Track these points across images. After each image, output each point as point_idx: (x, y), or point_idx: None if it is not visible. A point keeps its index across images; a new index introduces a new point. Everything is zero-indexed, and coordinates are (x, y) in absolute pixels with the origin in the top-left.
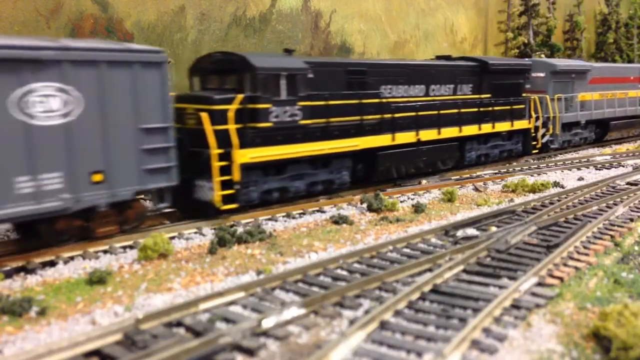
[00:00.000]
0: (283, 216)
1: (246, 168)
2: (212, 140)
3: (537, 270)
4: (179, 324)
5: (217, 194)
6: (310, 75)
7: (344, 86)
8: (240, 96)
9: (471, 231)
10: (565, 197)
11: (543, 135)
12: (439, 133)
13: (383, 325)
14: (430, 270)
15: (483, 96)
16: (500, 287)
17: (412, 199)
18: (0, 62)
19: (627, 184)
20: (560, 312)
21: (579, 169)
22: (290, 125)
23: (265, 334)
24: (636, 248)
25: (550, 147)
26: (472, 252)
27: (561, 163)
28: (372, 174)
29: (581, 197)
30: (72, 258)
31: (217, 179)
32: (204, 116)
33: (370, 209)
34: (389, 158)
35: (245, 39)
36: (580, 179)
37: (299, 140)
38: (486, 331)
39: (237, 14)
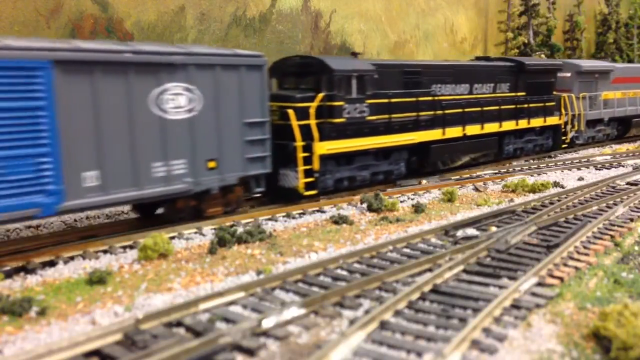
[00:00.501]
0: (283, 216)
1: (323, 158)
2: (297, 134)
3: (537, 270)
4: (179, 324)
5: (300, 182)
6: (375, 76)
7: (402, 85)
8: (320, 95)
9: (471, 231)
10: (565, 197)
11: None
12: (482, 128)
13: (383, 325)
14: (430, 270)
15: (519, 94)
16: (500, 287)
17: (412, 199)
18: (143, 65)
19: (627, 184)
20: (560, 312)
21: (579, 169)
22: (359, 121)
23: (265, 334)
24: (636, 248)
25: (575, 143)
26: (472, 252)
27: (561, 163)
28: (424, 165)
29: (581, 197)
30: (72, 258)
31: (301, 168)
32: (291, 113)
33: (370, 209)
34: (440, 151)
35: (245, 39)
36: (580, 179)
37: (366, 134)
38: (486, 331)
39: (237, 14)
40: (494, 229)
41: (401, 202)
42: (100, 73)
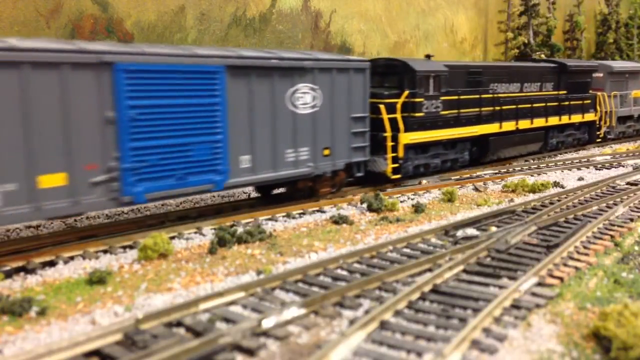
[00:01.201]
0: (283, 216)
1: (406, 148)
2: (387, 125)
3: (537, 270)
4: (179, 324)
5: (389, 167)
6: (447, 76)
7: (467, 84)
8: (406, 92)
9: (471, 231)
10: (565, 197)
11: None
12: (532, 122)
13: (383, 325)
14: (430, 270)
15: (561, 93)
16: (500, 287)
17: (412, 199)
18: (283, 69)
19: (627, 184)
20: (560, 312)
21: (579, 169)
22: (434, 115)
23: (265, 334)
24: (636, 248)
25: (607, 138)
26: (472, 252)
27: (561, 163)
28: (483, 155)
29: (581, 197)
30: (72, 258)
31: (390, 155)
32: (382, 107)
33: (370, 209)
34: (497, 142)
35: (245, 39)
36: (580, 179)
37: (439, 127)
38: (486, 331)
39: (237, 14)
40: (494, 229)
41: (401, 202)
42: (255, 76)
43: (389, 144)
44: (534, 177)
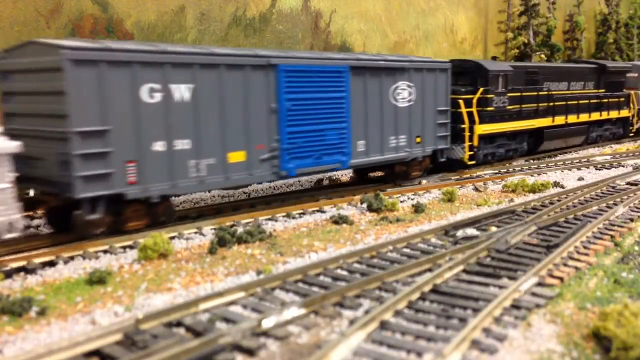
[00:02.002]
0: (283, 216)
1: (479, 137)
2: (465, 118)
3: (537, 270)
4: (179, 324)
5: (466, 154)
6: (512, 75)
7: (527, 82)
8: (481, 89)
9: (471, 231)
10: (565, 197)
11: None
12: (578, 117)
13: (383, 325)
14: (430, 270)
15: (600, 91)
16: (500, 287)
17: (412, 199)
18: (389, 69)
19: (627, 184)
20: (560, 312)
21: (579, 169)
22: (502, 109)
23: (265, 334)
24: (636, 248)
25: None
26: (472, 252)
27: (561, 163)
28: (537, 146)
29: (581, 197)
30: (72, 258)
31: (467, 144)
32: (461, 102)
33: (370, 209)
34: (550, 134)
35: (245, 39)
36: (580, 179)
37: (505, 120)
38: (486, 331)
39: (237, 14)
40: (494, 229)
41: (401, 202)
42: (369, 75)
43: (467, 134)
44: (534, 177)
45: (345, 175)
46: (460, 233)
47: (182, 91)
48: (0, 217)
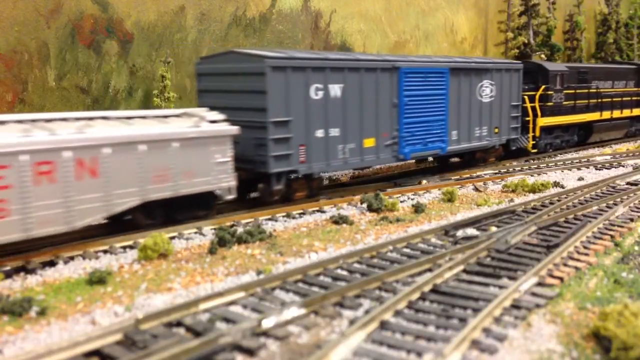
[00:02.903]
0: (283, 216)
1: (541, 129)
2: (530, 111)
3: (537, 270)
4: (179, 324)
5: (530, 143)
6: (567, 74)
7: (579, 81)
8: (542, 87)
9: (471, 231)
10: (565, 197)
11: None
12: (621, 112)
13: (383, 325)
14: (430, 270)
15: (639, 89)
16: (500, 287)
17: (412, 199)
18: (477, 70)
19: (627, 184)
20: (561, 312)
21: (579, 169)
22: (559, 105)
23: (265, 334)
24: (636, 248)
25: None
26: (472, 252)
27: (561, 163)
28: (586, 138)
29: (581, 197)
30: (72, 258)
31: (531, 134)
32: (526, 98)
33: (370, 209)
34: (599, 127)
35: (245, 39)
36: (580, 179)
37: (562, 114)
38: (486, 331)
39: (237, 14)
40: (494, 229)
41: (401, 202)
42: (462, 75)
43: (530, 125)
44: (534, 177)
45: (345, 175)
46: (460, 233)
47: (335, 90)
48: (224, 182)
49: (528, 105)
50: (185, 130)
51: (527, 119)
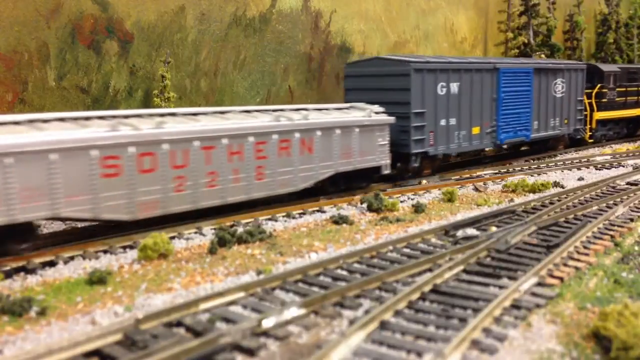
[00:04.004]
0: (283, 216)
1: (596, 122)
2: (587, 107)
3: (537, 270)
4: (179, 324)
5: (587, 134)
6: (619, 74)
7: (629, 80)
8: (598, 85)
9: (471, 231)
10: (565, 197)
11: None
12: None
13: (383, 325)
14: (430, 270)
15: None
16: (501, 287)
17: (412, 199)
18: (553, 70)
19: (627, 184)
20: (561, 312)
21: (579, 169)
22: (612, 101)
23: (265, 334)
24: (636, 248)
25: None
26: (472, 252)
27: (561, 163)
28: (635, 130)
29: (581, 197)
30: (72, 258)
31: (588, 126)
32: (585, 95)
33: (370, 209)
34: None
35: (245, 39)
36: (580, 179)
37: (614, 109)
38: (486, 331)
39: (237, 14)
40: (494, 229)
41: (401, 202)
42: (542, 75)
43: (588, 118)
44: (534, 177)
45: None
46: (460, 233)
47: (454, 87)
48: (384, 160)
49: (586, 101)
50: (362, 119)
51: (585, 113)
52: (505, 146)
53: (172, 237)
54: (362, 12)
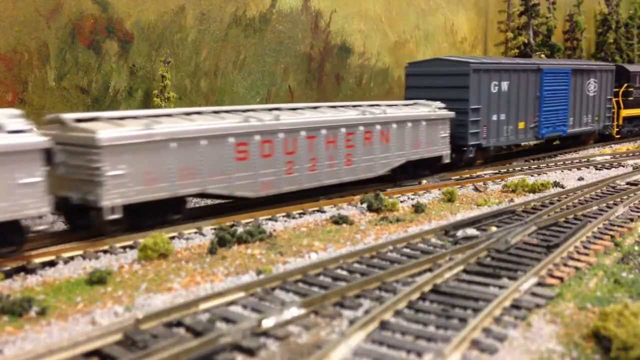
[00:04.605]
0: (283, 216)
1: (623, 119)
2: (614, 104)
3: (537, 270)
4: (179, 324)
5: (614, 130)
6: None
7: None
8: (625, 84)
9: (471, 231)
10: (565, 197)
11: None
12: None
13: (383, 325)
14: (430, 270)
15: None
16: (501, 287)
17: (412, 199)
18: (586, 70)
19: (627, 184)
20: (561, 312)
21: (579, 169)
22: (638, 99)
23: (265, 334)
24: (636, 248)
25: None
26: (472, 252)
27: (561, 163)
28: None
29: (581, 197)
30: (72, 258)
31: (615, 123)
32: (614, 94)
33: (370, 209)
34: None
35: (245, 39)
36: (580, 179)
37: (639, 106)
38: (486, 331)
39: (237, 14)
40: (494, 229)
41: (401, 202)
42: (578, 75)
43: (615, 116)
44: (534, 177)
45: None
46: (460, 233)
47: (504, 86)
48: (446, 150)
49: (613, 99)
50: (429, 113)
51: (613, 110)
52: (544, 140)
53: (172, 237)
54: (362, 12)
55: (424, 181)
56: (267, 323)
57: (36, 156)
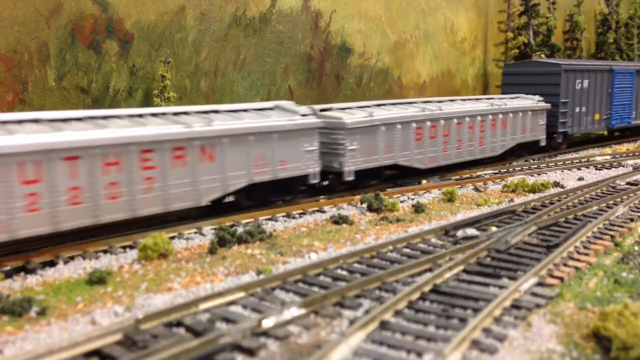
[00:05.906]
0: (283, 216)
1: None
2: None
3: (537, 270)
4: (179, 324)
5: None
6: None
7: None
8: None
9: (471, 231)
10: (565, 197)
11: None
12: None
13: (383, 325)
14: (430, 270)
15: None
16: (501, 287)
17: (412, 199)
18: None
19: (627, 184)
20: (561, 312)
21: (579, 169)
22: None
23: (265, 334)
24: (636, 248)
25: None
26: (472, 252)
27: (561, 163)
28: None
29: (581, 197)
30: (72, 258)
31: None
32: None
33: (370, 209)
34: None
35: (245, 39)
36: (580, 179)
37: None
38: (486, 331)
39: (237, 14)
40: (494, 229)
41: (401, 202)
42: (636, 76)
43: None
44: (534, 177)
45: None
46: (460, 233)
47: (585, 83)
48: (542, 136)
49: None
50: (533, 105)
51: None
52: (613, 130)
53: (172, 237)
54: (362, 12)
55: (424, 181)
56: (267, 323)
57: (315, 132)
